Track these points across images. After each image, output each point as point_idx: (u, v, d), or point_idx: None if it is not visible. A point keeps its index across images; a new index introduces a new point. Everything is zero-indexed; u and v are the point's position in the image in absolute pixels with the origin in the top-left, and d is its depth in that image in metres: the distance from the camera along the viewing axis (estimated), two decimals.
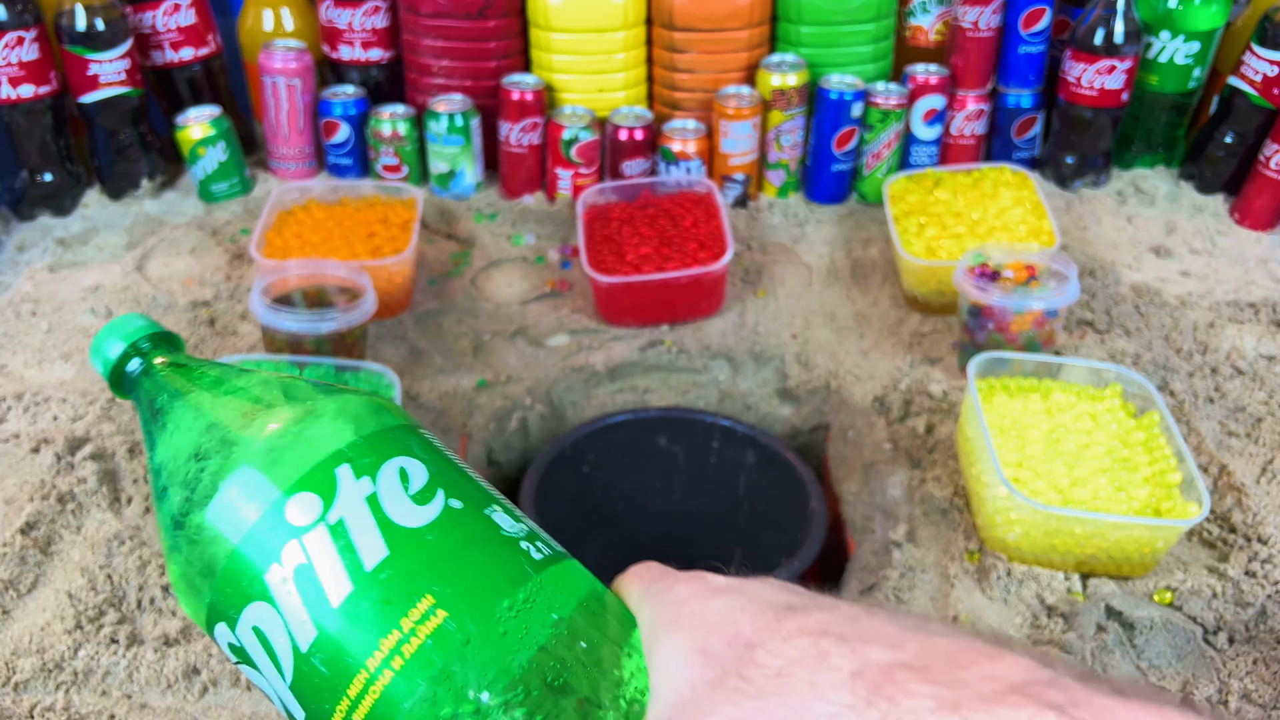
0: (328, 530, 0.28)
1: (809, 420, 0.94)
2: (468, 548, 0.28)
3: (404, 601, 0.27)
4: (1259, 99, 1.02)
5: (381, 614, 0.27)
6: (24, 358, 0.87)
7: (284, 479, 0.28)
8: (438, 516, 0.29)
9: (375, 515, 0.28)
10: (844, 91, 1.04)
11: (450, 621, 0.27)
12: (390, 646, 0.27)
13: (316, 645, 0.27)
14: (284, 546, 0.28)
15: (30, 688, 0.60)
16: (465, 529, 0.29)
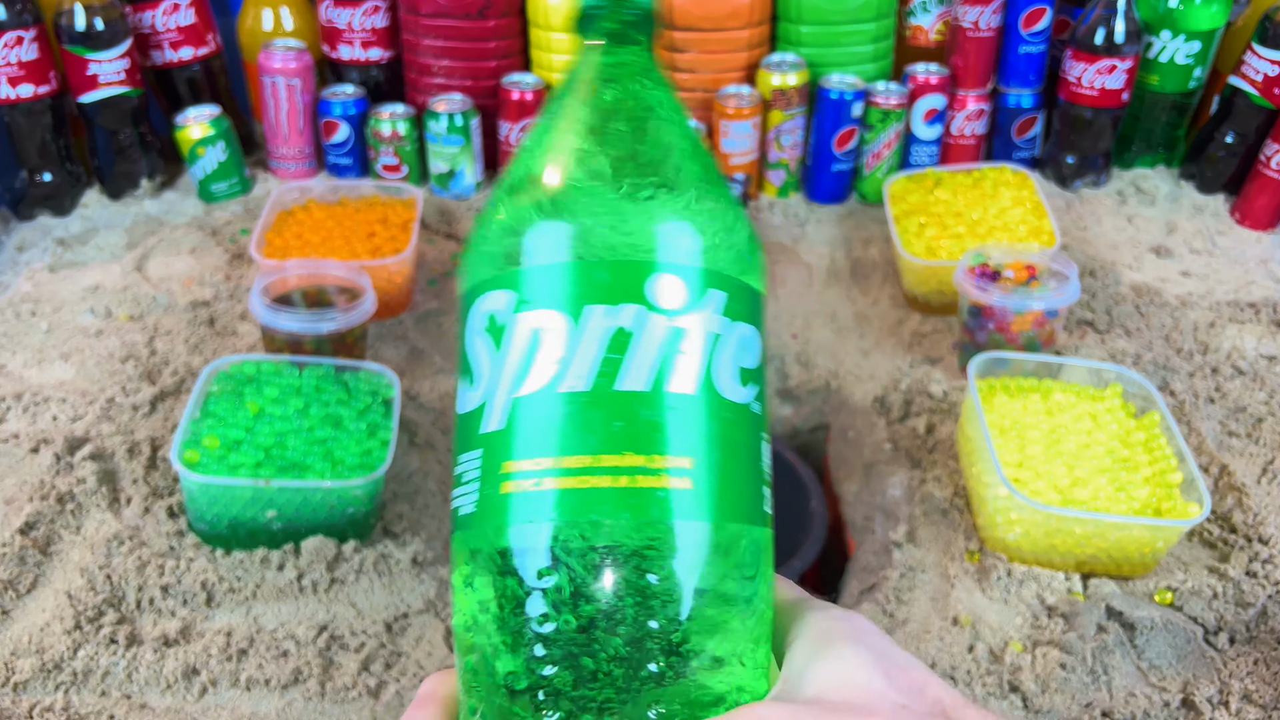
0: (666, 329, 0.26)
1: (809, 420, 0.94)
2: (741, 454, 0.27)
3: (654, 445, 0.25)
4: (1260, 99, 1.02)
5: (630, 435, 0.25)
6: (23, 358, 0.87)
7: (686, 254, 0.27)
8: (743, 403, 0.27)
9: (706, 355, 0.26)
10: (844, 91, 1.04)
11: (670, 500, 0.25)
12: (586, 465, 0.25)
13: (570, 399, 0.25)
14: (625, 305, 0.26)
15: (30, 688, 0.60)
16: (749, 435, 0.27)
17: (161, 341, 0.89)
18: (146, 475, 0.74)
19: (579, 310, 0.26)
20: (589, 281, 0.26)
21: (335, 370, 0.76)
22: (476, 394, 0.27)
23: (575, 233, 0.27)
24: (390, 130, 1.08)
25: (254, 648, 0.63)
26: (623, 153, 0.28)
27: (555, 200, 0.28)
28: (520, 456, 0.26)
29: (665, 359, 0.26)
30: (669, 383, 0.26)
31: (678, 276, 0.27)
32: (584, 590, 0.25)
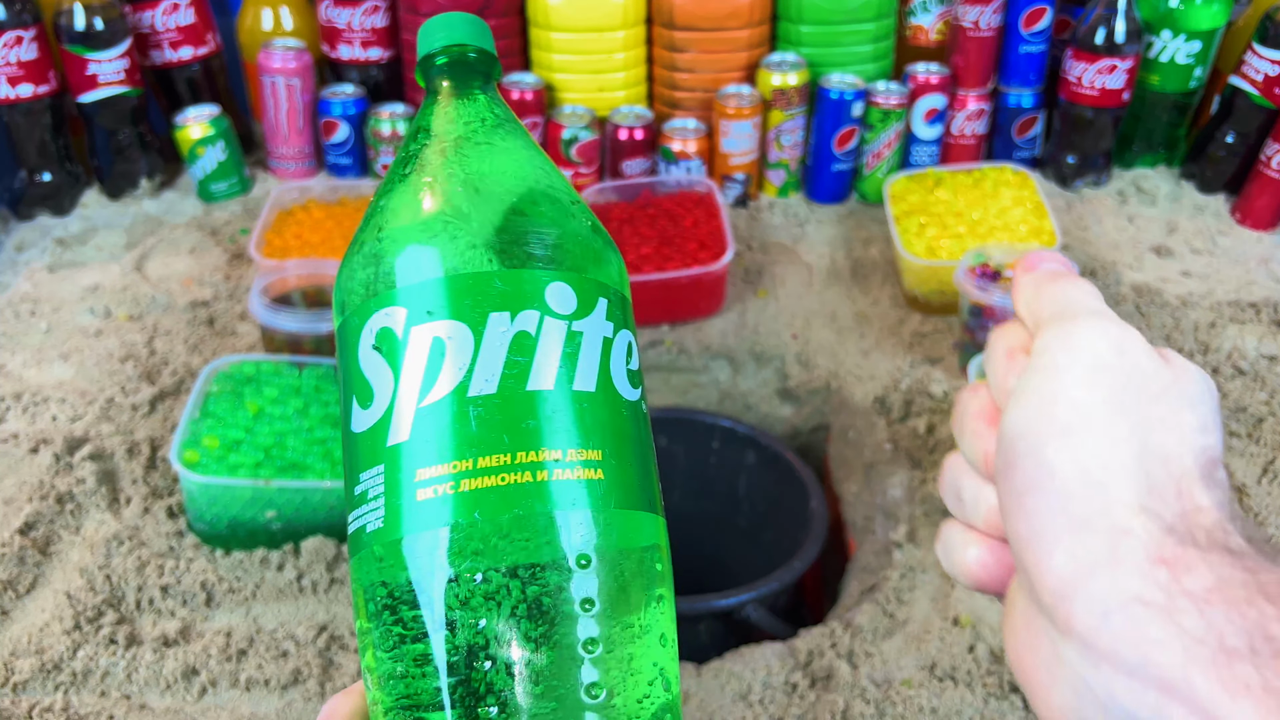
0: (565, 332, 0.27)
1: (809, 420, 0.94)
2: (642, 448, 0.28)
3: (567, 439, 0.26)
4: (1260, 99, 1.02)
5: (543, 431, 0.26)
6: (23, 358, 0.87)
7: (572, 265, 0.28)
8: (636, 401, 0.28)
9: (600, 356, 0.28)
10: (844, 91, 1.04)
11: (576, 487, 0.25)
12: (504, 463, 0.25)
13: (480, 402, 0.26)
14: (525, 311, 0.27)
15: (29, 688, 0.60)
16: (645, 431, 0.29)
17: (161, 341, 0.89)
18: (146, 475, 0.74)
19: (482, 318, 0.26)
20: (489, 292, 0.27)
21: (335, 370, 0.76)
22: (374, 411, 0.27)
23: (469, 248, 0.28)
24: (390, 130, 1.08)
25: (254, 648, 0.63)
26: (501, 186, 0.29)
27: (447, 218, 0.28)
28: (433, 463, 0.25)
29: (566, 360, 0.27)
30: (572, 382, 0.27)
31: (569, 285, 0.28)
32: (510, 587, 0.25)
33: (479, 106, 0.32)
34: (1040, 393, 0.23)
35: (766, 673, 0.63)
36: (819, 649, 0.65)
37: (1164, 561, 0.20)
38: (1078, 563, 0.21)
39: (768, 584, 0.71)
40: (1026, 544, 0.22)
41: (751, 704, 0.61)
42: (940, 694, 0.61)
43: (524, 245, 0.28)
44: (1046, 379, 0.23)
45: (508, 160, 0.30)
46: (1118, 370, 0.23)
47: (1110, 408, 0.22)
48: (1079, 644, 0.21)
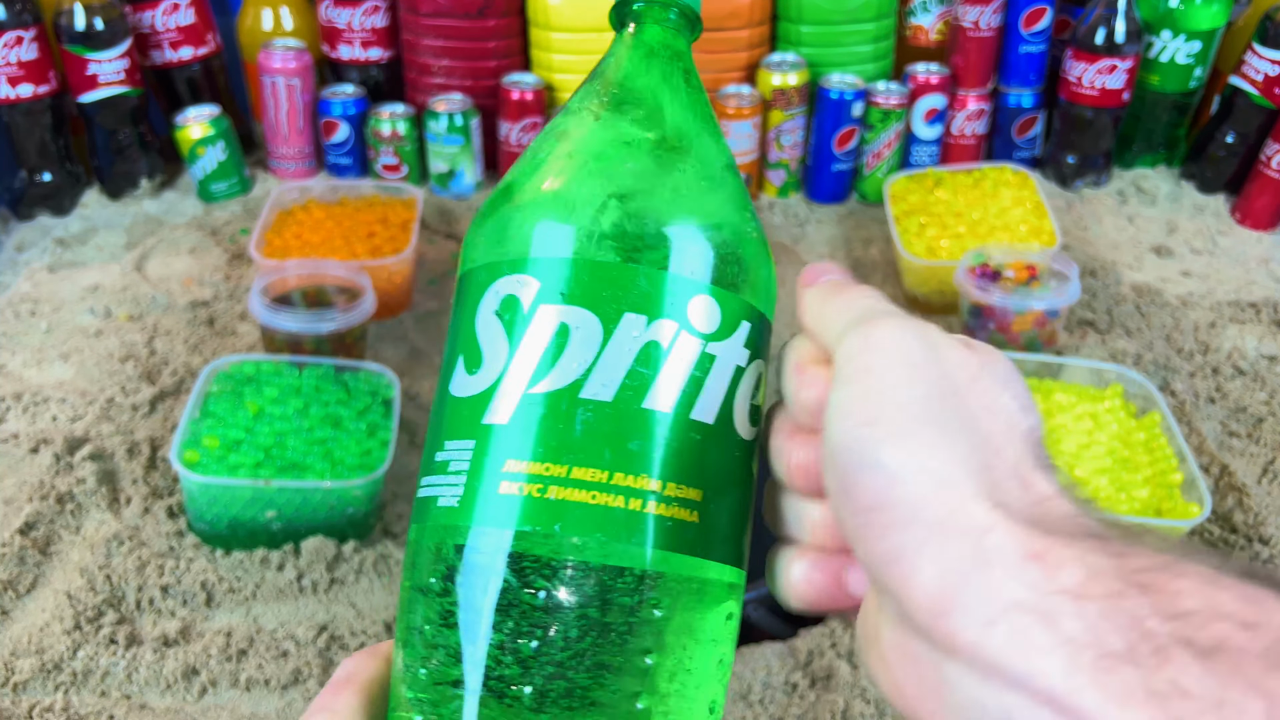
0: (699, 353, 0.25)
1: None
2: (744, 494, 0.26)
3: (669, 472, 0.24)
4: (1260, 99, 1.02)
5: (647, 457, 0.24)
6: (23, 358, 0.87)
7: (729, 281, 0.26)
8: (751, 441, 0.26)
9: (728, 387, 0.25)
10: (844, 91, 1.04)
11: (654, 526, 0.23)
12: (598, 480, 0.23)
13: (591, 407, 0.24)
14: (663, 319, 0.24)
15: (29, 688, 0.60)
16: (751, 474, 0.27)
17: (161, 341, 0.89)
18: (146, 475, 0.74)
19: (616, 315, 0.24)
20: (631, 288, 0.25)
21: (335, 370, 0.76)
22: (480, 379, 0.25)
23: (624, 234, 0.25)
24: (390, 130, 1.08)
25: (254, 648, 0.63)
26: (681, 170, 0.27)
27: (610, 194, 0.26)
28: (527, 458, 0.24)
29: (692, 383, 0.25)
30: (692, 410, 0.25)
31: (716, 301, 0.25)
32: (573, 608, 0.23)
33: (679, 70, 0.29)
34: (860, 401, 0.22)
35: (766, 672, 0.63)
36: (819, 649, 0.65)
37: (1034, 557, 0.19)
38: (946, 572, 0.19)
39: None
40: (886, 563, 0.21)
41: (752, 704, 0.61)
42: None
43: (684, 248, 0.25)
44: (861, 386, 0.22)
45: (697, 144, 0.27)
46: (929, 364, 0.23)
47: (933, 403, 0.22)
48: (965, 662, 0.19)
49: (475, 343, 0.25)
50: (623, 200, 0.25)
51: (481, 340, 0.25)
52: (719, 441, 0.25)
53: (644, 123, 0.27)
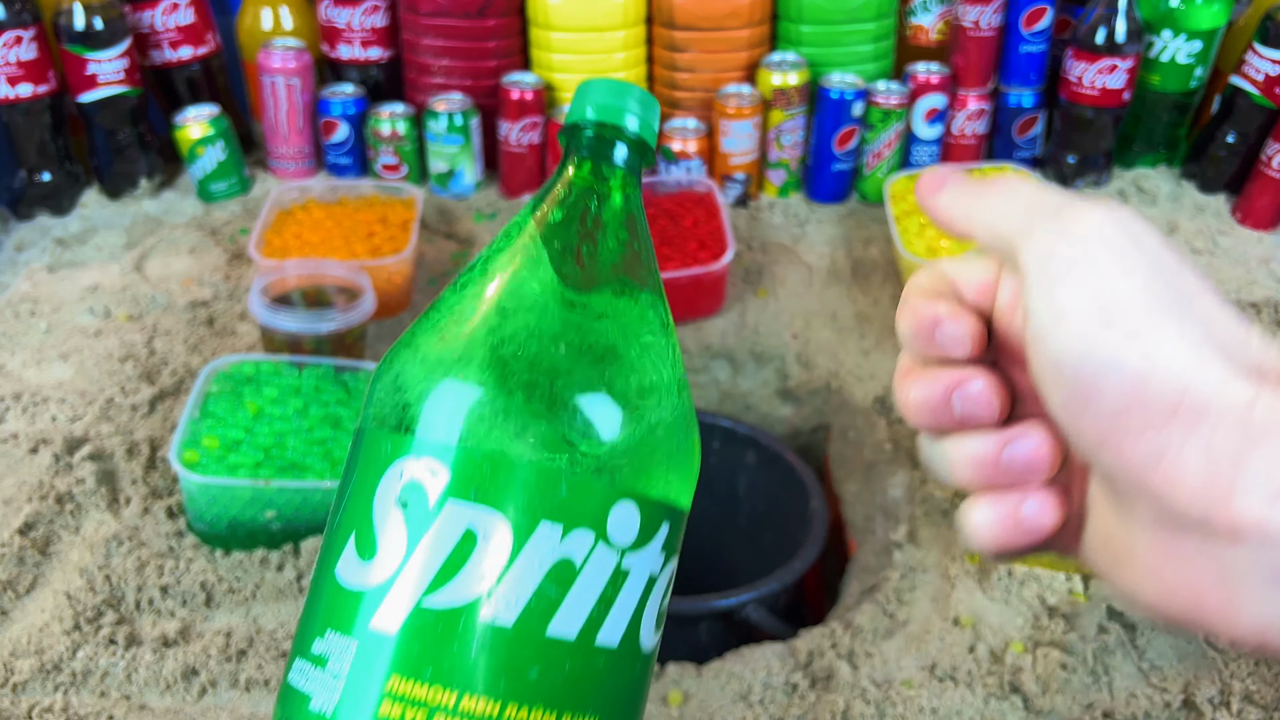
0: (613, 568, 0.23)
1: (810, 420, 0.93)
2: (637, 709, 0.24)
3: (565, 702, 0.22)
4: (1261, 99, 1.02)
5: (544, 689, 0.22)
6: (22, 358, 0.87)
7: (652, 483, 0.24)
8: (650, 652, 0.24)
9: (638, 602, 0.23)
10: (845, 91, 1.04)
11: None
12: (489, 713, 0.22)
13: (490, 631, 0.22)
14: (580, 530, 0.23)
15: (29, 689, 0.59)
16: (645, 686, 0.25)
17: (160, 341, 0.89)
18: (146, 475, 0.74)
19: (530, 524, 0.22)
20: (549, 492, 0.22)
21: (335, 370, 0.76)
22: (372, 572, 0.23)
23: (541, 430, 0.23)
24: (390, 130, 1.08)
25: (253, 648, 0.63)
26: (617, 347, 0.24)
27: (537, 376, 0.23)
28: (413, 678, 0.22)
29: (601, 604, 0.23)
30: (597, 635, 0.23)
31: (638, 507, 0.24)
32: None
33: (620, 218, 0.26)
34: (1083, 302, 0.20)
35: (767, 673, 0.63)
36: (819, 649, 0.65)
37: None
38: (1217, 457, 0.19)
39: (768, 584, 0.71)
40: (1146, 465, 0.20)
41: (752, 704, 0.61)
42: (940, 694, 0.61)
43: (607, 441, 0.23)
44: (1078, 286, 0.20)
45: (635, 310, 0.25)
46: (1138, 249, 0.21)
47: (1157, 290, 0.20)
48: (1254, 543, 0.18)
49: (370, 525, 0.23)
50: (551, 384, 0.23)
51: (378, 526, 0.23)
52: (622, 664, 0.24)
53: (579, 283, 0.25)
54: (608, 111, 0.26)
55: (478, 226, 1.07)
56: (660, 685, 0.63)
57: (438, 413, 0.23)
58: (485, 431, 0.23)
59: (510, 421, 0.23)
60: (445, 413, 0.23)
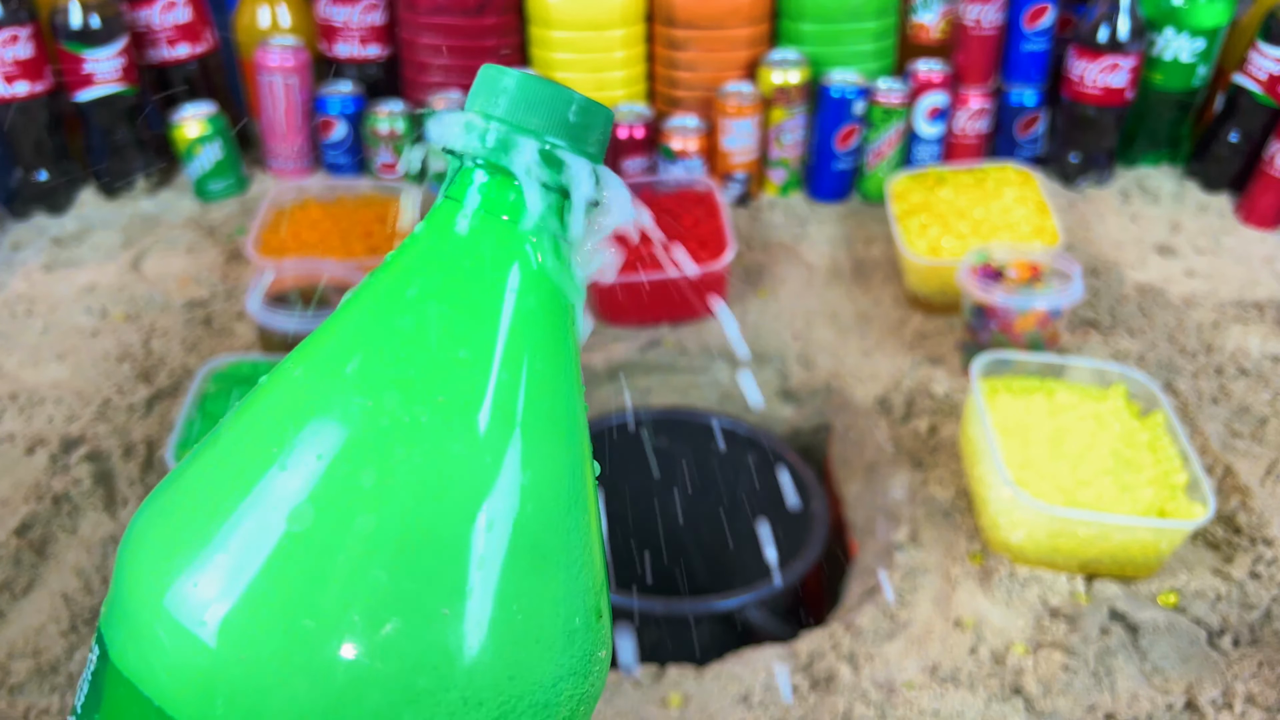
0: None
1: (810, 421, 0.93)
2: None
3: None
4: (1264, 98, 1.02)
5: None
6: (19, 358, 0.86)
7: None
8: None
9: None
10: (846, 89, 1.03)
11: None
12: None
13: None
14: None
15: (25, 690, 0.59)
16: None
17: (157, 341, 0.88)
18: (143, 476, 0.74)
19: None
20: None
21: None
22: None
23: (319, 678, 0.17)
24: (388, 128, 1.07)
25: None
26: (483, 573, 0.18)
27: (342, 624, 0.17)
28: None
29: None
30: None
31: None
32: None
33: (549, 319, 0.20)
34: None
35: (767, 675, 0.63)
36: (820, 651, 0.64)
37: None
38: None
39: (768, 585, 0.71)
40: None
41: (752, 706, 0.61)
42: (942, 696, 0.61)
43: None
44: None
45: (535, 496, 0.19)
46: None
47: None
48: None
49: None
50: (365, 636, 0.17)
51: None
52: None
53: (431, 455, 0.18)
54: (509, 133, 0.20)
55: None
56: (660, 687, 0.63)
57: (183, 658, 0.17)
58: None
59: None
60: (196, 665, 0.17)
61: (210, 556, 0.18)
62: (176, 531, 0.18)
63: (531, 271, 0.20)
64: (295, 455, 0.18)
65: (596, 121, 0.21)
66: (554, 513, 0.19)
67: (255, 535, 0.18)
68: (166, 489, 0.20)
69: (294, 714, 0.17)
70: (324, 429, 0.18)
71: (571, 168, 0.20)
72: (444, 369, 0.19)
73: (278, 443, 0.18)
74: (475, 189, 0.20)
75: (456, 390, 0.19)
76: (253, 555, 0.17)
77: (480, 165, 0.20)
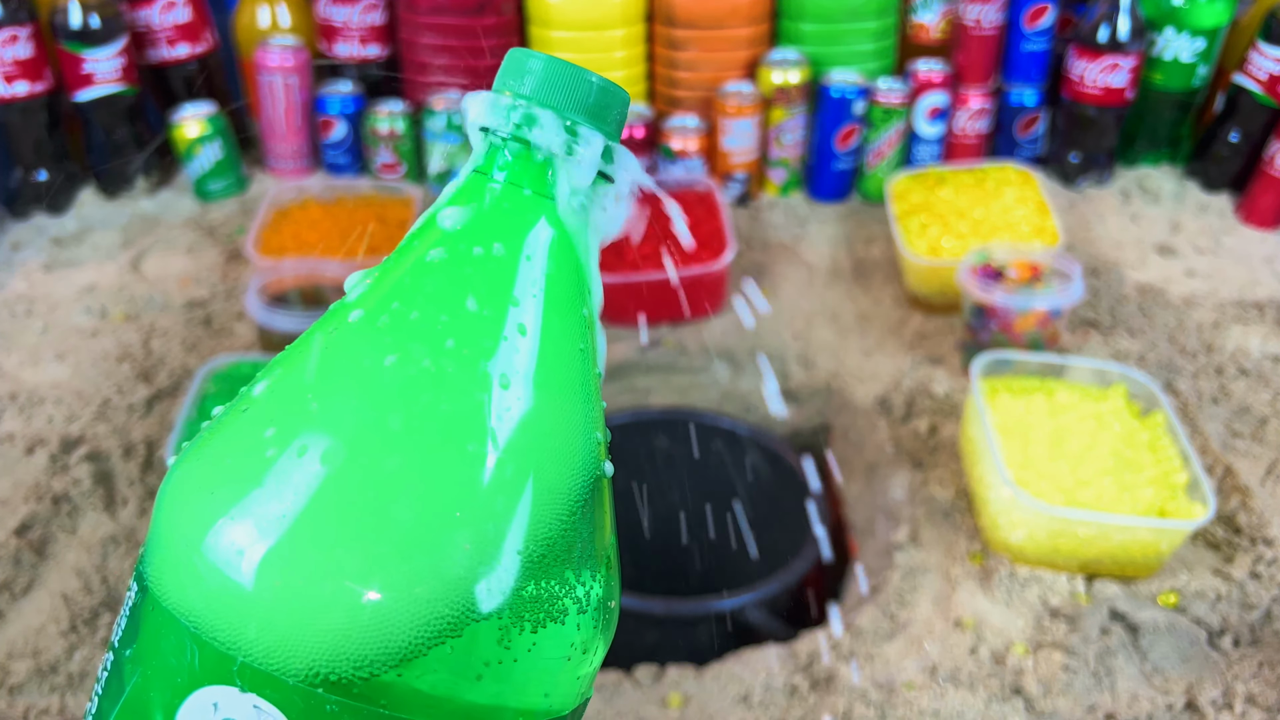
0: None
1: (810, 421, 0.93)
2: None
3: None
4: (1264, 97, 1.01)
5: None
6: (18, 358, 0.86)
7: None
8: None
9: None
10: (846, 89, 1.03)
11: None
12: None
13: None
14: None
15: (25, 691, 0.59)
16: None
17: (157, 341, 0.88)
18: (142, 476, 0.74)
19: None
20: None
21: None
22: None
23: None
24: (388, 128, 1.07)
25: None
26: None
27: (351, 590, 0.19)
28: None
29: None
30: None
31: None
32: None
33: (571, 290, 0.21)
34: None
35: (767, 675, 0.63)
36: (819, 651, 0.64)
37: None
38: None
39: (768, 585, 0.71)
40: None
41: (752, 706, 0.61)
42: (942, 696, 0.61)
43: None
44: None
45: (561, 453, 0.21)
46: None
47: None
48: None
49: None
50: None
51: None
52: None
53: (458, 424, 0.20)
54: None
55: None
56: (660, 687, 0.63)
57: (245, 619, 0.19)
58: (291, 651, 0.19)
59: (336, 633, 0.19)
60: (256, 621, 0.19)
61: (247, 495, 0.19)
62: (216, 472, 0.20)
63: (548, 237, 0.22)
64: (328, 402, 0.20)
65: (614, 102, 0.22)
66: (565, 456, 0.21)
67: (289, 475, 0.19)
68: (208, 435, 0.21)
69: (323, 643, 0.18)
70: (354, 380, 0.20)
71: (589, 142, 0.22)
72: (464, 324, 0.21)
73: (313, 392, 0.20)
74: (500, 162, 0.22)
75: (473, 342, 0.21)
76: (287, 494, 0.19)
77: (506, 140, 0.22)
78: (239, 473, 0.20)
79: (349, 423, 0.20)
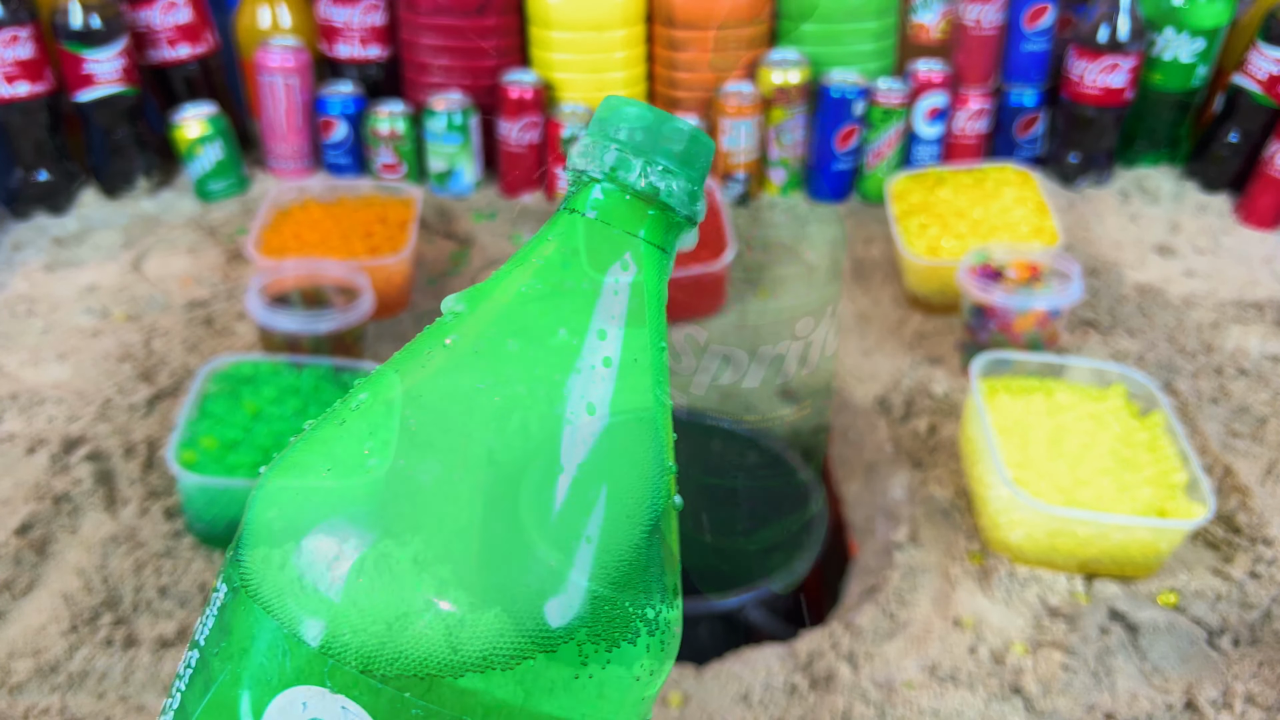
0: None
1: (810, 421, 0.93)
2: None
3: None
4: (1264, 98, 1.02)
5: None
6: (19, 358, 0.86)
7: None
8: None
9: None
10: (846, 89, 1.03)
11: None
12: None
13: None
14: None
15: (26, 690, 0.59)
16: None
17: (158, 341, 0.88)
18: (144, 476, 0.74)
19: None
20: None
21: (333, 370, 0.76)
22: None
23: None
24: (388, 129, 1.07)
25: None
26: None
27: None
28: None
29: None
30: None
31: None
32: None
33: (646, 335, 0.23)
34: None
35: (767, 674, 0.63)
36: (819, 650, 0.64)
37: None
38: None
39: (768, 585, 0.71)
40: None
41: (752, 705, 0.61)
42: (941, 696, 0.61)
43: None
44: None
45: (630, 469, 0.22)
46: None
47: None
48: None
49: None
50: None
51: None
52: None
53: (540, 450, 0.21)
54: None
55: (477, 226, 1.07)
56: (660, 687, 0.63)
57: (339, 621, 0.20)
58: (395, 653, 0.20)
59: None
60: (348, 628, 0.20)
61: (344, 505, 0.20)
62: (314, 481, 0.21)
63: (633, 273, 0.23)
64: (425, 420, 0.21)
65: (702, 150, 0.24)
66: (642, 482, 0.23)
67: (385, 488, 0.21)
68: (303, 445, 0.23)
69: (414, 649, 0.19)
70: (450, 401, 0.22)
71: (678, 189, 0.23)
72: (554, 352, 0.22)
73: (410, 411, 0.22)
74: (591, 202, 0.23)
75: (562, 370, 0.22)
76: (383, 506, 0.20)
77: (598, 181, 0.23)
78: (337, 483, 0.21)
79: (443, 442, 0.21)
